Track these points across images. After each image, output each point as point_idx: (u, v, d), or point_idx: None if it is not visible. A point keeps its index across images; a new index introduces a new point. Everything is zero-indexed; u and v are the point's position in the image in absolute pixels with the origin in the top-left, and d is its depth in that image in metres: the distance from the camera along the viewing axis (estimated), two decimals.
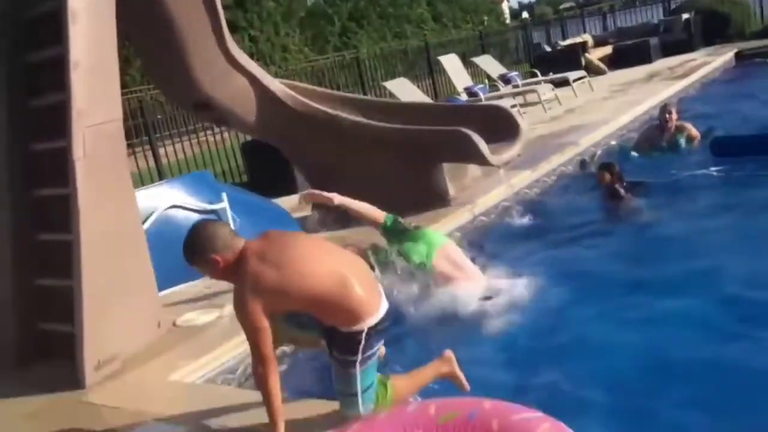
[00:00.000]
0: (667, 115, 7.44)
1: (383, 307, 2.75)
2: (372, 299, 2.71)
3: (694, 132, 7.51)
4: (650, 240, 5.40)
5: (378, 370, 2.82)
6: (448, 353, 3.09)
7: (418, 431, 2.16)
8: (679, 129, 7.46)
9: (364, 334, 2.64)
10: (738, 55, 14.32)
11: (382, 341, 2.80)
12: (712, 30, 16.28)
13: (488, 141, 5.96)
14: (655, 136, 7.55)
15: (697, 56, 14.76)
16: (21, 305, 4.18)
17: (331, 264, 2.70)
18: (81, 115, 3.71)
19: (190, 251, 2.79)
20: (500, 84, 12.65)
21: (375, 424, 2.22)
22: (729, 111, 9.45)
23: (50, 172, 3.97)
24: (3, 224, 4.14)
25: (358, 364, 2.66)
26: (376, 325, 2.69)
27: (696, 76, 12.28)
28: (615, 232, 5.82)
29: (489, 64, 13.57)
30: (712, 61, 13.64)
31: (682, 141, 7.42)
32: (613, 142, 8.45)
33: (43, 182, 4.14)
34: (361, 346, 2.65)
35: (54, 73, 3.82)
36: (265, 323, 2.63)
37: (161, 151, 9.75)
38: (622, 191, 6.30)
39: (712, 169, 6.64)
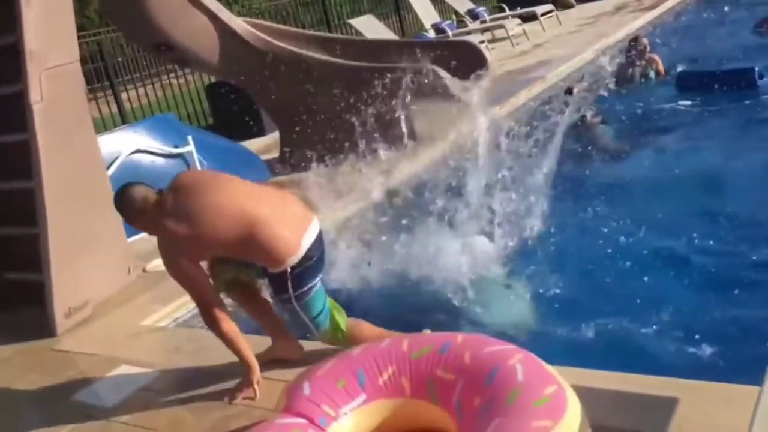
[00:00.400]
0: (641, 48, 7.41)
1: (304, 245, 2.61)
2: (292, 238, 2.59)
3: (662, 66, 7.52)
4: (619, 171, 5.47)
5: None
6: None
7: (392, 366, 2.18)
8: (650, 62, 7.46)
9: (288, 274, 2.59)
10: None
11: (319, 275, 2.71)
12: None
13: (457, 75, 5.90)
14: (626, 70, 7.53)
15: None
16: None
17: (246, 207, 2.58)
18: (34, 57, 3.57)
19: (121, 216, 2.82)
20: (468, 20, 12.47)
21: (349, 359, 2.23)
22: (696, 43, 9.47)
23: (7, 118, 3.83)
24: None
25: (294, 300, 2.64)
26: (301, 262, 2.60)
27: (664, 7, 12.22)
28: (584, 163, 5.89)
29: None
30: None
31: (653, 74, 7.43)
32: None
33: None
34: (289, 285, 2.61)
35: (4, 12, 3.64)
36: (195, 272, 2.60)
37: (123, 95, 9.49)
38: (589, 116, 6.39)
39: (681, 102, 6.71)
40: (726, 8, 11.43)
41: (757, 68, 6.68)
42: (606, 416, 2.07)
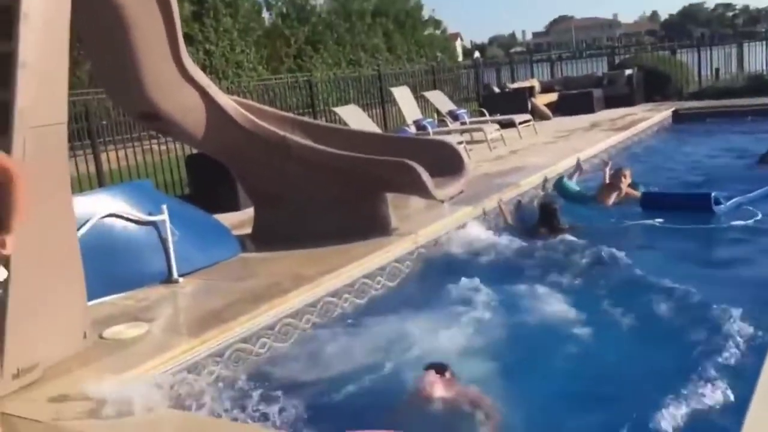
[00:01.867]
0: (623, 178, 7.74)
1: None
2: None
3: (637, 195, 7.80)
4: (589, 275, 5.68)
5: None
6: None
7: None
8: (628, 195, 7.75)
9: None
10: (675, 114, 14.97)
11: None
12: (653, 87, 17.06)
13: (433, 175, 6.06)
14: (604, 193, 7.80)
15: (637, 111, 15.38)
16: None
17: None
18: (23, 114, 3.61)
19: None
20: (449, 120, 12.87)
21: None
22: (661, 166, 9.92)
23: None
24: None
25: None
26: None
27: (635, 130, 12.78)
28: (555, 269, 6.04)
29: (439, 99, 13.80)
30: (651, 116, 14.23)
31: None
32: (562, 175, 8.70)
33: None
34: None
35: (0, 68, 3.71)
36: None
37: (103, 156, 9.53)
38: (563, 223, 6.91)
39: (644, 220, 7.11)
40: (692, 138, 12.12)
41: (713, 194, 7.16)
42: None
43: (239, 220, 7.45)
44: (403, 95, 12.68)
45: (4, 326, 3.55)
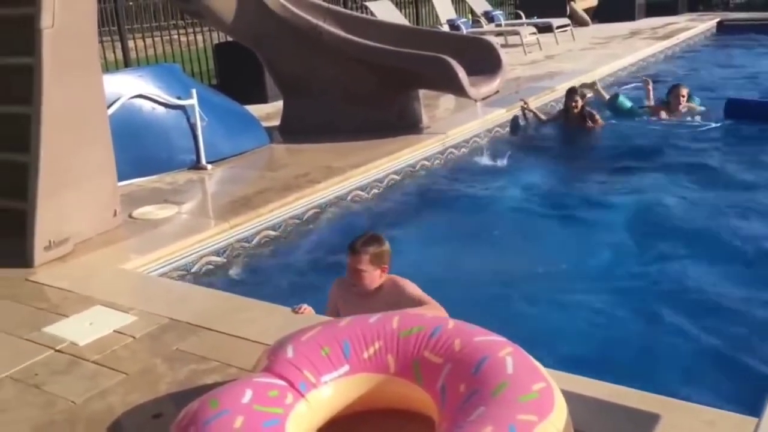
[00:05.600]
0: (681, 98, 7.16)
1: None
2: None
3: (701, 109, 7.39)
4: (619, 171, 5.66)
5: None
6: None
7: (379, 341, 2.13)
8: (689, 109, 7.29)
9: None
10: (720, 24, 14.32)
11: None
12: None
13: (469, 73, 5.85)
14: (659, 111, 7.30)
15: (680, 20, 14.73)
16: None
17: None
18: None
19: None
20: (483, 21, 12.42)
21: (336, 328, 2.18)
22: (706, 76, 9.51)
23: (12, 41, 3.72)
24: None
25: None
26: None
27: (677, 39, 12.26)
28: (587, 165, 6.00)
29: None
30: (695, 26, 13.62)
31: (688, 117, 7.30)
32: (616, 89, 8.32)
33: (3, 50, 3.88)
34: None
35: None
36: None
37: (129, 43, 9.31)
38: (596, 114, 6.91)
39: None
40: (736, 49, 11.54)
41: None
42: (588, 422, 2.04)
43: (266, 112, 7.34)
44: None
45: (35, 198, 3.53)
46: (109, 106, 4.54)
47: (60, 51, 3.52)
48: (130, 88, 5.04)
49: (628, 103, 7.51)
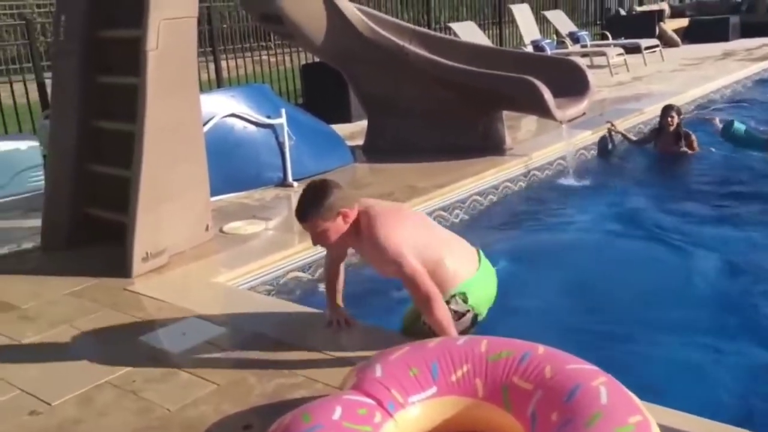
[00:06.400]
0: None
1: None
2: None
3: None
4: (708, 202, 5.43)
5: None
6: None
7: (467, 364, 2.13)
8: None
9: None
10: None
11: None
12: None
13: (555, 95, 5.80)
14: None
15: None
16: (74, 188, 4.23)
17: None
18: (158, 6, 3.66)
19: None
20: (568, 42, 12.29)
21: (424, 349, 2.20)
22: None
23: (122, 62, 3.94)
24: (70, 108, 4.16)
25: None
26: None
27: None
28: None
29: (559, 19, 13.16)
30: None
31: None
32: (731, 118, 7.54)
33: (111, 70, 4.12)
34: None
35: None
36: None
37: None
38: (692, 136, 6.57)
39: None
40: None
41: None
42: None
43: (351, 131, 7.47)
44: (522, 13, 12.16)
45: (135, 211, 3.71)
46: (204, 124, 4.75)
47: (163, 72, 3.70)
48: (224, 107, 5.24)
49: (743, 128, 6.81)
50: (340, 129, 7.23)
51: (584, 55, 11.55)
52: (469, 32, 10.57)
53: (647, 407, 1.93)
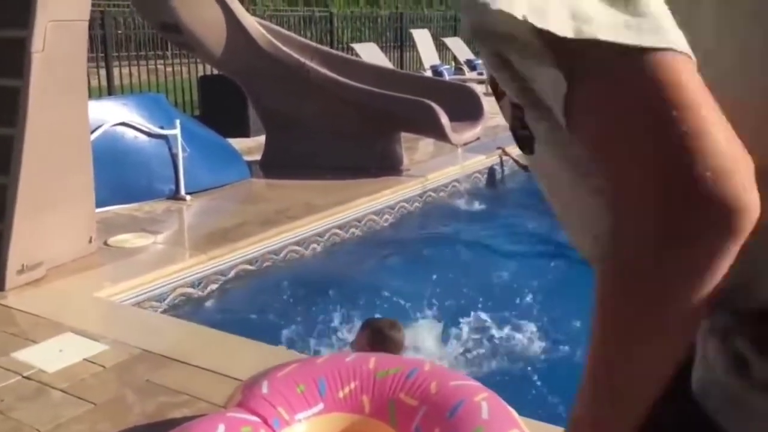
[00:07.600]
0: None
1: None
2: None
3: None
4: None
5: None
6: None
7: (355, 381, 2.13)
8: None
9: None
10: None
11: None
12: None
13: (451, 119, 5.96)
14: None
15: None
16: None
17: None
18: (46, 7, 3.49)
19: None
20: (466, 68, 12.68)
21: (312, 366, 2.18)
22: None
23: (4, 63, 3.72)
24: None
25: None
26: None
27: None
28: None
29: (458, 47, 13.57)
30: None
31: None
32: None
33: None
34: None
35: None
36: None
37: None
38: None
39: None
40: None
41: None
42: None
43: (249, 146, 7.36)
44: (423, 39, 12.46)
45: (12, 218, 3.50)
46: (92, 132, 4.55)
47: (48, 75, 3.53)
48: (114, 115, 5.05)
49: None
50: (238, 143, 7.12)
51: (480, 82, 11.92)
52: (370, 53, 10.72)
53: (527, 423, 1.99)
